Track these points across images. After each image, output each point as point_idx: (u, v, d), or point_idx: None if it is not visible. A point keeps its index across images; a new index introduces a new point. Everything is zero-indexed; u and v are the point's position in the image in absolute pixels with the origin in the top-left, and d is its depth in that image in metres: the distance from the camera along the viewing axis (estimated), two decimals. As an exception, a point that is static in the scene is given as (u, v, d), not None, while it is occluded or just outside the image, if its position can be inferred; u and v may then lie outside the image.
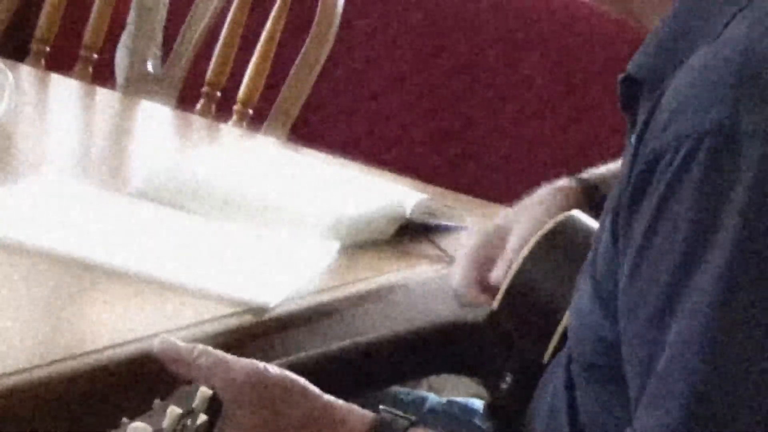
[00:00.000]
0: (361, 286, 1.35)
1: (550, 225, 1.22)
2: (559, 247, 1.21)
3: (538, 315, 1.19)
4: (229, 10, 2.14)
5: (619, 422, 1.01)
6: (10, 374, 0.99)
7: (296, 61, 2.09)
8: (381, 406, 1.07)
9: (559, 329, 1.15)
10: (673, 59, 1.00)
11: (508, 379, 1.19)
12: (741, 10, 0.99)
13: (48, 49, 2.20)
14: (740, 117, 0.93)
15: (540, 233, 1.22)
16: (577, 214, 1.23)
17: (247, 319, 1.20)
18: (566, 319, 1.14)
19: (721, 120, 0.93)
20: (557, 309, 1.16)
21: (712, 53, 0.97)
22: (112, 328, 1.12)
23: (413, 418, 1.07)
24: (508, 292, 1.21)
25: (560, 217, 1.23)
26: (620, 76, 1.04)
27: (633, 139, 1.02)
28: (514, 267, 1.21)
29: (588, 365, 1.06)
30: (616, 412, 1.03)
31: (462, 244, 1.36)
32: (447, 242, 1.48)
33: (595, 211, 1.26)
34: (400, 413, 1.08)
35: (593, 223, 1.20)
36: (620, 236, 0.99)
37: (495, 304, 1.21)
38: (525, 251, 1.21)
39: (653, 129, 0.96)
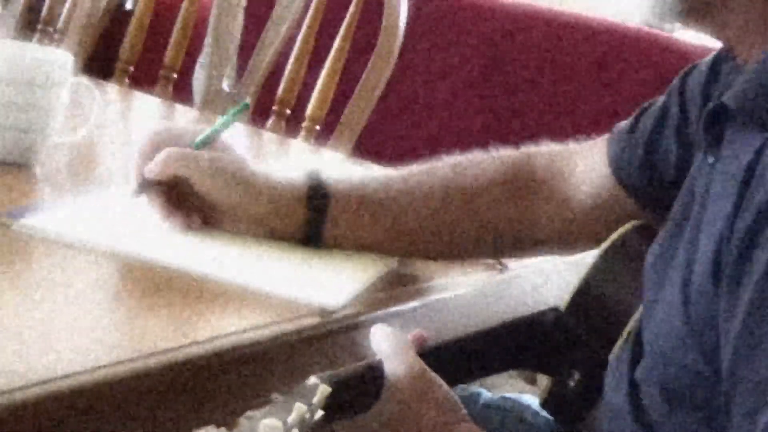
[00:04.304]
0: (417, 291, 1.37)
1: (617, 234, 1.25)
2: (626, 255, 1.23)
3: (605, 318, 1.21)
4: (298, 33, 2.20)
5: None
6: (81, 372, 1.00)
7: (361, 80, 2.13)
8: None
9: (624, 333, 1.17)
10: None
11: (576, 376, 1.22)
12: None
13: (131, 69, 2.30)
14: None
15: (608, 241, 1.24)
16: (643, 224, 1.26)
17: (315, 320, 1.22)
18: (632, 322, 1.16)
19: None
20: (623, 313, 1.18)
21: None
22: (185, 329, 1.13)
23: None
24: (576, 294, 1.24)
25: (628, 226, 1.25)
26: (712, 104, 1.02)
27: (711, 159, 1.02)
28: (583, 272, 1.24)
29: (667, 389, 1.04)
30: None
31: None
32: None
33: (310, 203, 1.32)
34: None
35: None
36: (725, 276, 0.95)
37: (563, 306, 1.24)
38: (594, 257, 1.24)
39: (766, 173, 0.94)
